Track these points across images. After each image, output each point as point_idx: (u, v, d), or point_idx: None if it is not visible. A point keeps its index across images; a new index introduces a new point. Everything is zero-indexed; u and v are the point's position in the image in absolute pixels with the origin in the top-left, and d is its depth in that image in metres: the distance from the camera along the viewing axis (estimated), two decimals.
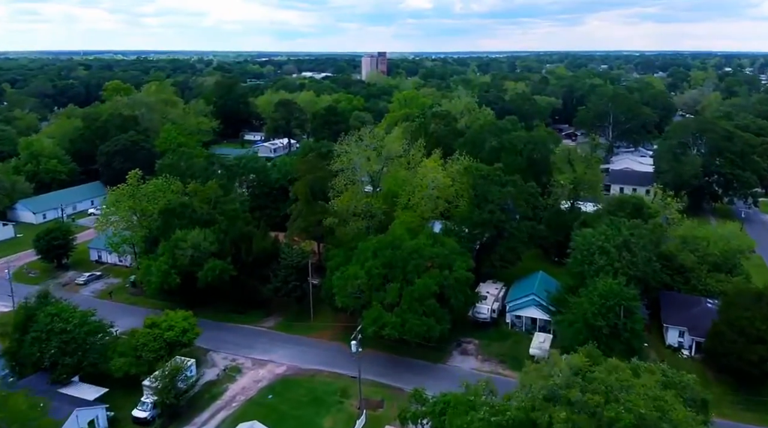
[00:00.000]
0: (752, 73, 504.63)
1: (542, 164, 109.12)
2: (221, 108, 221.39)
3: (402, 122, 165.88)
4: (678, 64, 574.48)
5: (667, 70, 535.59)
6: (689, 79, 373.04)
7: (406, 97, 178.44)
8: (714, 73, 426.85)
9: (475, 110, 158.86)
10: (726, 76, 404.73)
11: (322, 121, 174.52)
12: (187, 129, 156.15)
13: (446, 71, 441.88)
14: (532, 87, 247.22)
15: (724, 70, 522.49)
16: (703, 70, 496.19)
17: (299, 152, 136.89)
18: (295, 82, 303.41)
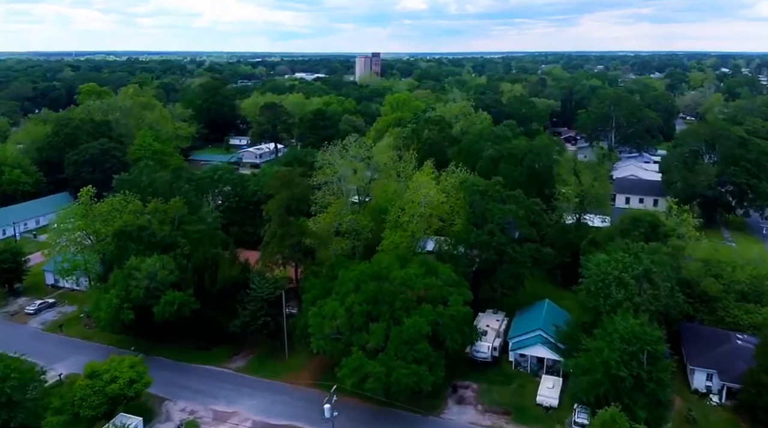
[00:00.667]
0: (749, 73, 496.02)
1: (545, 175, 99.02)
2: (206, 111, 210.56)
3: (393, 127, 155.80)
4: (674, 64, 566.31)
5: (664, 70, 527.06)
6: (688, 80, 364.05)
7: (398, 101, 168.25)
8: (712, 74, 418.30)
9: (471, 114, 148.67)
10: (724, 77, 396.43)
11: (310, 125, 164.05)
12: (164, 135, 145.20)
13: (441, 72, 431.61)
14: (530, 89, 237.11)
15: (720, 70, 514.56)
16: (699, 70, 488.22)
17: (283, 159, 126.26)
18: (285, 83, 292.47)
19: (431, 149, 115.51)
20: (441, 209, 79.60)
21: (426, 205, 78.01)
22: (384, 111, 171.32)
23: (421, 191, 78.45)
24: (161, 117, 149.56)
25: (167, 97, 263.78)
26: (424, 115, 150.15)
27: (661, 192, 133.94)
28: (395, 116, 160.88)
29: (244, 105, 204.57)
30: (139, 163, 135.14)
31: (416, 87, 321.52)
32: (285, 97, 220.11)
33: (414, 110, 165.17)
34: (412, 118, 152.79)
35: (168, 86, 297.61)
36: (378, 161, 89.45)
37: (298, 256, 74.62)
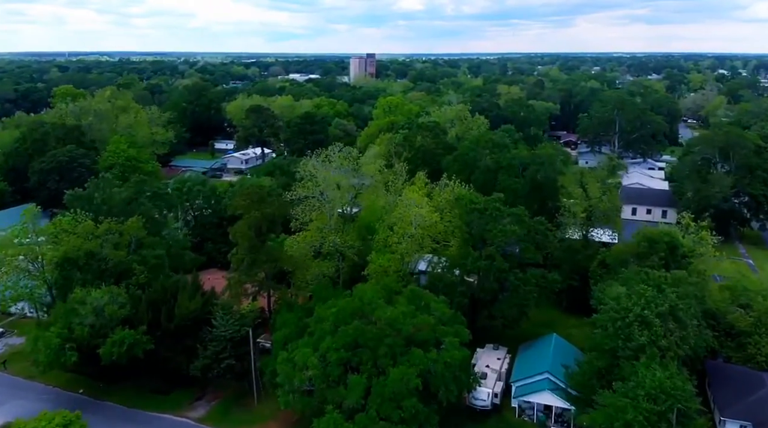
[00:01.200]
0: (747, 75, 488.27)
1: (549, 188, 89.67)
2: (191, 114, 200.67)
3: (385, 132, 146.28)
4: (671, 65, 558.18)
5: (661, 72, 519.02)
6: (687, 82, 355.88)
7: (390, 104, 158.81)
8: (711, 75, 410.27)
9: (467, 118, 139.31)
10: (724, 79, 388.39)
11: (297, 129, 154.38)
12: (141, 140, 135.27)
13: (436, 73, 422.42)
14: (528, 91, 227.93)
15: (718, 72, 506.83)
16: (697, 72, 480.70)
17: (264, 168, 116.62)
18: (275, 85, 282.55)
19: (424, 158, 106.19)
20: (434, 230, 70.26)
21: (417, 226, 68.59)
22: (376, 115, 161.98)
23: (412, 209, 69.01)
24: (137, 121, 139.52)
25: (153, 99, 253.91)
26: (418, 119, 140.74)
27: (669, 202, 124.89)
28: (387, 119, 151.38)
29: (230, 108, 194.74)
30: (98, 177, 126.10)
31: (411, 89, 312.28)
32: (273, 100, 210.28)
33: (407, 113, 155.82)
34: (406, 122, 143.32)
35: (155, 88, 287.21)
36: (366, 172, 79.99)
37: (270, 285, 65.05)
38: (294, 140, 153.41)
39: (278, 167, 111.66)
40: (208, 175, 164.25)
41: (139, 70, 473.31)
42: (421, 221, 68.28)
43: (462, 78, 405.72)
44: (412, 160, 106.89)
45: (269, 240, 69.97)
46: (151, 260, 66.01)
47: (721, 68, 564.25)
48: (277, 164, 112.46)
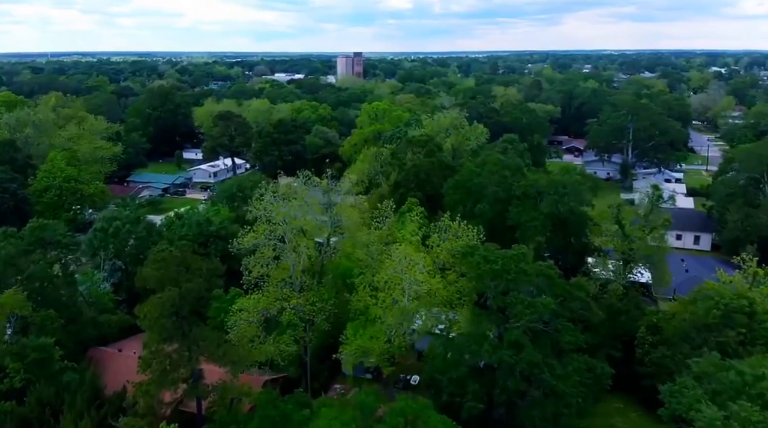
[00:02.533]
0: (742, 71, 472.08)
1: (574, 223, 69.89)
2: (155, 121, 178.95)
3: (370, 143, 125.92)
4: (663, 63, 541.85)
5: (654, 69, 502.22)
6: (687, 81, 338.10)
7: (377, 110, 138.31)
8: (709, 73, 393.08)
9: (464, 126, 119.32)
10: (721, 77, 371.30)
11: (270, 140, 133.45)
12: (84, 156, 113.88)
13: (426, 73, 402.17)
14: (525, 93, 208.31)
15: (711, 69, 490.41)
16: (692, 69, 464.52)
17: (222, 193, 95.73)
18: (254, 87, 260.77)
19: (417, 180, 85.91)
20: (434, 300, 50.10)
21: (411, 295, 48.41)
22: (360, 122, 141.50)
23: (406, 272, 48.74)
24: (80, 134, 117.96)
25: (120, 103, 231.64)
26: (408, 128, 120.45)
27: (702, 226, 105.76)
28: (373, 128, 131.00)
29: (197, 114, 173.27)
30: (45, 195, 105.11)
31: (400, 90, 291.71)
32: (249, 104, 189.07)
33: (396, 121, 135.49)
34: (394, 132, 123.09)
35: (126, 91, 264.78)
36: (342, 216, 59.80)
37: (200, 390, 44.54)
38: (266, 153, 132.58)
39: (238, 191, 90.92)
40: (171, 192, 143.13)
41: (117, 71, 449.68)
42: (417, 289, 48.04)
43: (452, 77, 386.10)
44: (402, 182, 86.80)
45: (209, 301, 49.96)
46: (31, 354, 45.28)
47: (713, 65, 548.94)
48: (240, 185, 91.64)
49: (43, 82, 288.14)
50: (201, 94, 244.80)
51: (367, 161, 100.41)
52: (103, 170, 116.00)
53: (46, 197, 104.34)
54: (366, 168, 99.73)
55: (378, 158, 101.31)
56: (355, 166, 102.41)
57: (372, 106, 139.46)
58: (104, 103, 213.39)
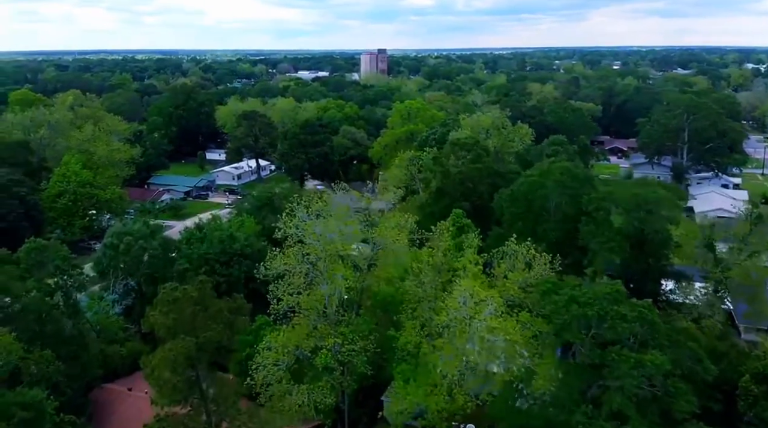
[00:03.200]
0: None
1: (655, 245, 59.44)
2: (178, 121, 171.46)
3: (404, 145, 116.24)
4: (696, 60, 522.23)
5: (686, 66, 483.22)
6: (727, 78, 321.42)
7: (409, 109, 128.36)
8: (748, 71, 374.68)
9: (507, 127, 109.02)
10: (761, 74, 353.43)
11: (296, 141, 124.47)
12: (100, 160, 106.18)
13: (452, 70, 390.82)
14: (563, 90, 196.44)
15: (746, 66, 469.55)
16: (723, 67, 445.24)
17: (252, 203, 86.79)
18: (279, 85, 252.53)
19: (463, 188, 75.96)
20: (510, 348, 40.21)
21: (481, 346, 38.68)
22: (392, 122, 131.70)
23: (472, 315, 38.99)
24: (97, 135, 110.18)
25: (143, 102, 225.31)
26: (445, 129, 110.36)
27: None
28: (406, 128, 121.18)
29: (221, 113, 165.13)
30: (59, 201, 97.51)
31: (427, 87, 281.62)
32: (274, 103, 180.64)
33: (430, 120, 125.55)
34: (429, 132, 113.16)
35: (149, 89, 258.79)
36: (381, 238, 50.35)
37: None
38: (292, 155, 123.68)
39: (268, 202, 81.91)
40: (193, 195, 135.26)
41: (142, 69, 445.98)
42: (489, 339, 38.25)
43: (479, 74, 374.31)
44: (445, 190, 76.96)
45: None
46: (18, 413, 36.67)
47: (747, 62, 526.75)
48: (268, 194, 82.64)
49: (67, 80, 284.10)
50: (224, 92, 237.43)
51: (404, 165, 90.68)
52: (120, 173, 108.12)
53: (60, 203, 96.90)
54: (402, 174, 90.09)
55: (415, 163, 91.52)
56: (391, 171, 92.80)
57: (404, 105, 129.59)
58: (126, 102, 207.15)
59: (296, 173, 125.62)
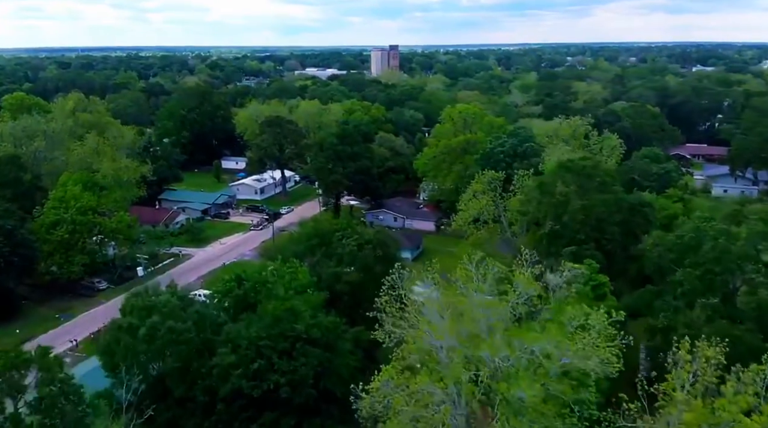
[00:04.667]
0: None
1: None
2: (191, 125, 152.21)
3: (459, 156, 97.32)
4: (715, 56, 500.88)
5: (706, 62, 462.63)
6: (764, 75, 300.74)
7: (465, 115, 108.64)
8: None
9: (593, 137, 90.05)
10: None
11: (332, 153, 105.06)
12: (104, 179, 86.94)
13: (469, 66, 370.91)
14: (611, 89, 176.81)
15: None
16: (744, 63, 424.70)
17: (296, 241, 67.61)
18: (294, 84, 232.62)
19: (586, 227, 56.68)
20: None
21: None
22: (441, 130, 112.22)
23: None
24: (99, 149, 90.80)
25: (150, 103, 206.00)
26: (516, 140, 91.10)
27: None
28: (463, 138, 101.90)
29: (240, 118, 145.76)
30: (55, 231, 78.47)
31: (451, 86, 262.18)
32: (295, 104, 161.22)
33: (488, 128, 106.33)
34: (494, 143, 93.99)
35: (155, 88, 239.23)
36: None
37: None
38: (328, 169, 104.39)
39: (321, 235, 62.80)
40: (211, 214, 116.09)
41: (146, 66, 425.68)
42: None
43: (497, 71, 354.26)
44: (559, 231, 57.75)
45: None
46: None
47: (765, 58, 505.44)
48: (320, 231, 63.41)
49: (69, 79, 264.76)
50: (237, 91, 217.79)
51: (485, 190, 71.50)
52: (128, 195, 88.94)
53: (57, 235, 77.98)
54: (482, 204, 70.74)
55: (495, 187, 72.38)
56: (466, 199, 73.26)
57: (457, 109, 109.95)
58: (132, 103, 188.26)
59: (333, 191, 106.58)
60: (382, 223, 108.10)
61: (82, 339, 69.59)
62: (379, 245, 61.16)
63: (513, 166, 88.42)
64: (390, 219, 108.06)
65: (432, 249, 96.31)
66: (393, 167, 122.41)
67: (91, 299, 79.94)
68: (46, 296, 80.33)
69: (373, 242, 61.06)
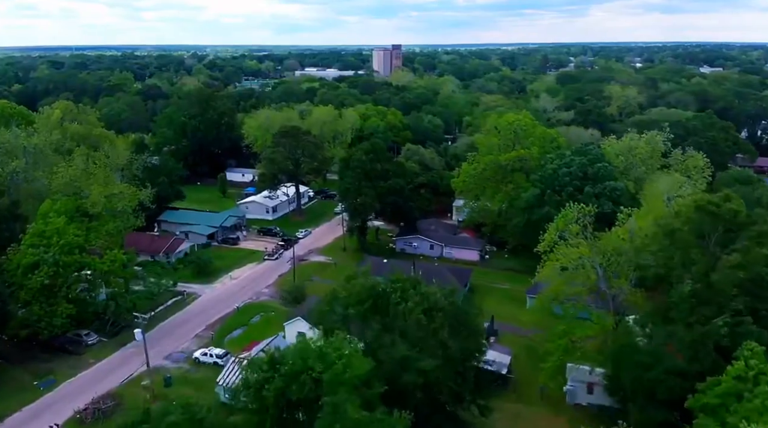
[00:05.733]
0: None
1: None
2: (193, 134, 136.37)
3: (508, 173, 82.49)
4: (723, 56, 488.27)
5: (713, 63, 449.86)
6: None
7: (515, 127, 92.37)
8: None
9: (673, 156, 75.20)
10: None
11: (361, 172, 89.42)
12: (93, 207, 71.14)
13: (476, 67, 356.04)
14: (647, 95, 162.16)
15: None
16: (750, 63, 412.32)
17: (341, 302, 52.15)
18: (301, 86, 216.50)
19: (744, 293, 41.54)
20: None
21: None
22: (482, 142, 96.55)
23: None
24: (89, 171, 74.66)
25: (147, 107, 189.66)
26: (585, 159, 76.13)
27: None
28: (515, 154, 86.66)
29: (248, 127, 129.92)
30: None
31: (465, 88, 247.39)
32: (307, 111, 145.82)
33: (541, 140, 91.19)
34: (558, 163, 79.00)
35: (152, 90, 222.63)
36: None
37: None
38: (358, 190, 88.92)
39: (374, 297, 47.51)
40: (218, 239, 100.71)
41: (142, 66, 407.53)
42: None
43: (505, 72, 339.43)
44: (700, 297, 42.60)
45: None
46: None
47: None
48: (369, 291, 48.08)
49: (60, 80, 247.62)
50: (240, 95, 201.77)
51: (575, 229, 55.82)
52: (124, 227, 73.22)
53: (36, 279, 62.47)
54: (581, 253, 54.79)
55: (585, 225, 56.77)
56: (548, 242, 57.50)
57: (504, 119, 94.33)
58: (127, 108, 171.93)
59: (361, 215, 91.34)
60: (416, 251, 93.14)
61: (65, 421, 54.14)
62: (455, 313, 46.12)
63: (584, 191, 73.75)
64: (425, 247, 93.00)
65: (480, 286, 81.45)
66: (423, 183, 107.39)
67: (78, 359, 64.50)
68: (22, 354, 64.73)
69: (444, 308, 46.00)
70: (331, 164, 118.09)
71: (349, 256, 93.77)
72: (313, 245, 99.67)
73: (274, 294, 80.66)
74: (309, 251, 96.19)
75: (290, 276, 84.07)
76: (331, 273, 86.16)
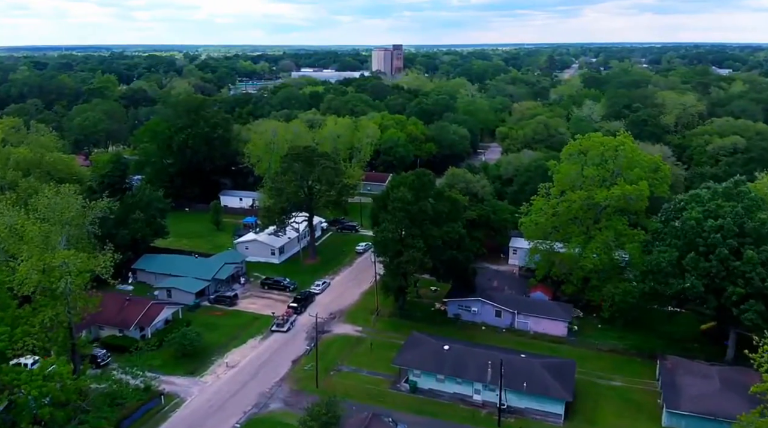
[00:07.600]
0: None
1: None
2: (182, 150, 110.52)
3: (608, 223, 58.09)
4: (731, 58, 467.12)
5: (722, 64, 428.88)
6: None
7: (606, 147, 67.06)
8: None
9: None
10: None
11: (405, 215, 64.43)
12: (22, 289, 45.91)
13: (485, 69, 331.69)
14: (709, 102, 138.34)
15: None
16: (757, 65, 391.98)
17: None
18: (302, 90, 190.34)
19: None
20: None
21: None
22: (562, 176, 71.00)
23: None
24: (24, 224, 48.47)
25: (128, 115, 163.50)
26: (738, 205, 52.07)
27: None
28: (620, 192, 62.03)
29: (252, 146, 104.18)
30: None
31: (479, 91, 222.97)
32: (319, 123, 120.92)
33: (644, 166, 66.41)
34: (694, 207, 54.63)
35: (137, 95, 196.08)
36: None
37: None
38: (401, 240, 63.99)
39: None
40: (211, 298, 75.38)
41: (130, 67, 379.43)
42: None
43: (515, 74, 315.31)
44: None
45: None
46: None
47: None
48: None
49: (37, 83, 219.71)
50: (236, 100, 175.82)
51: None
52: (76, 309, 47.70)
53: None
54: None
55: None
56: None
57: (595, 140, 69.04)
58: (105, 118, 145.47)
59: (407, 275, 66.20)
60: (476, 318, 68.47)
61: None
62: None
63: (744, 256, 49.43)
64: (489, 313, 68.20)
65: (579, 382, 55.68)
66: (473, 220, 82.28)
67: None
68: None
69: None
70: (352, 193, 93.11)
71: (385, 324, 69.08)
72: (335, 304, 74.66)
73: (289, 397, 55.60)
74: (330, 315, 71.23)
75: (308, 361, 59.29)
76: (364, 357, 61.52)
